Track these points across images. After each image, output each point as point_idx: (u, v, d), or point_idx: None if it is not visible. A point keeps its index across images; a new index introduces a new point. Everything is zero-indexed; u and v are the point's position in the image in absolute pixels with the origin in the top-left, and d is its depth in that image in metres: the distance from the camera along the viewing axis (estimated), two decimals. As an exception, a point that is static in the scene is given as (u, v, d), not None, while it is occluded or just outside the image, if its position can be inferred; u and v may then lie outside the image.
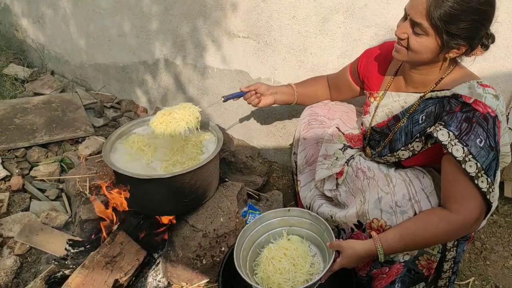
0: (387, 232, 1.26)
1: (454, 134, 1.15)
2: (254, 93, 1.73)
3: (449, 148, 1.15)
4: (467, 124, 1.15)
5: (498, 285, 1.66)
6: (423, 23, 1.14)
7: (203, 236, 1.61)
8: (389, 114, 1.42)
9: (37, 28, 3.19)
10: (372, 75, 1.52)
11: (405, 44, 1.22)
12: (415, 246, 1.25)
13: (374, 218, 1.29)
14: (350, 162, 1.53)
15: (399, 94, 1.39)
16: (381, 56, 1.50)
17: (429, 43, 1.17)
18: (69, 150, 2.38)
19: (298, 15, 1.88)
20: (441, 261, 1.44)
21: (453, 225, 1.17)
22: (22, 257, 1.75)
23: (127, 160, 1.63)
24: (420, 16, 1.14)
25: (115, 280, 1.50)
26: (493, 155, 1.15)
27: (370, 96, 1.51)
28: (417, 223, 1.23)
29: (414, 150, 1.35)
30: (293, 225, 1.54)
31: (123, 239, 1.62)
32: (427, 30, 1.14)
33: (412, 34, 1.19)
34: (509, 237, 1.87)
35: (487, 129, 1.14)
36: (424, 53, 1.20)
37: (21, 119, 2.50)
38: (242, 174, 2.19)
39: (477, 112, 1.15)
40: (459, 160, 1.14)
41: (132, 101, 2.89)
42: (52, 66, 3.32)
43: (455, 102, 1.20)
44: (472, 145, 1.13)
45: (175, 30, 2.33)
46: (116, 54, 2.75)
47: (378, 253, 1.24)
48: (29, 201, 2.03)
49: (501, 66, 1.60)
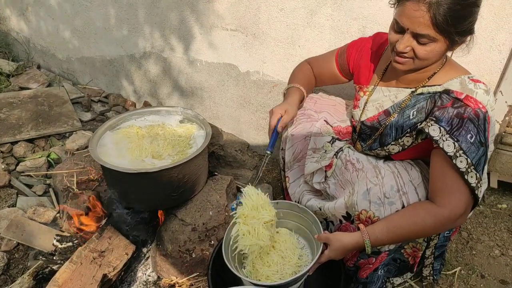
0: (375, 225, 1.27)
1: (445, 130, 1.16)
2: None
3: (440, 143, 1.16)
4: (458, 120, 1.15)
5: (484, 274, 1.69)
6: (430, 33, 1.10)
7: (192, 229, 1.61)
8: (380, 109, 1.41)
9: (22, 21, 3.13)
10: (362, 69, 1.50)
11: (410, 56, 1.19)
12: (402, 238, 1.27)
13: (363, 209, 1.30)
14: (339, 154, 1.53)
15: (389, 89, 1.38)
16: (372, 50, 1.48)
17: (438, 47, 1.14)
18: (56, 145, 2.36)
19: (286, 7, 1.87)
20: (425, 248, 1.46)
21: (440, 219, 1.18)
22: (9, 253, 1.74)
23: (115, 155, 1.62)
24: (424, 28, 1.10)
25: (103, 275, 1.49)
26: (483, 150, 1.16)
27: (360, 90, 1.50)
28: (404, 216, 1.24)
29: (404, 145, 1.36)
30: (281, 218, 1.54)
31: (111, 233, 1.62)
32: (435, 38, 1.11)
33: (417, 45, 1.15)
34: (494, 227, 1.90)
35: (478, 124, 1.15)
36: (434, 57, 1.18)
37: (6, 113, 2.46)
38: (231, 167, 2.19)
39: (468, 107, 1.16)
40: (450, 156, 1.14)
41: (120, 95, 2.86)
42: (38, 60, 3.27)
43: (446, 97, 1.21)
44: (463, 141, 1.14)
45: (162, 22, 2.30)
46: (103, 48, 2.72)
47: (366, 245, 1.25)
48: (16, 196, 2.00)
49: (486, 58, 1.61)
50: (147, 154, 1.64)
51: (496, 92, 1.68)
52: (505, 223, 1.92)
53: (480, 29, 1.56)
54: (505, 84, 1.64)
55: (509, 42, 1.55)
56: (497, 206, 2.00)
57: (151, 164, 1.59)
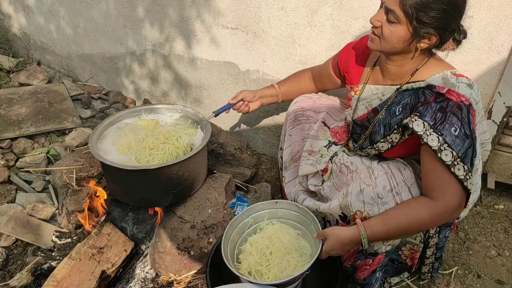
0: (371, 219, 1.28)
1: (429, 124, 1.17)
2: (242, 102, 1.78)
3: (425, 138, 1.17)
4: (441, 114, 1.17)
5: (480, 274, 1.70)
6: (395, 10, 1.15)
7: (191, 227, 1.61)
8: (369, 107, 1.43)
9: (23, 17, 3.13)
10: (351, 69, 1.54)
11: (378, 33, 1.24)
12: (398, 231, 1.26)
13: (357, 210, 1.31)
14: (333, 159, 1.56)
15: (377, 87, 1.41)
16: (359, 50, 1.52)
17: (400, 30, 1.18)
18: (55, 141, 2.36)
19: (287, 6, 1.87)
20: (424, 248, 1.47)
21: (435, 211, 1.20)
22: (8, 249, 1.74)
23: (115, 151, 1.62)
24: (393, 3, 1.15)
25: (102, 271, 1.50)
26: (469, 142, 1.17)
27: (351, 90, 1.53)
28: (399, 209, 1.26)
29: (393, 142, 1.37)
30: (280, 217, 1.55)
31: (110, 230, 1.62)
32: (399, 18, 1.16)
33: (386, 23, 1.20)
34: (491, 228, 1.91)
35: (461, 117, 1.17)
36: (396, 41, 1.21)
37: (6, 110, 2.46)
38: (230, 166, 2.20)
39: (450, 101, 1.17)
40: (435, 150, 1.16)
41: (120, 92, 2.87)
42: (38, 56, 3.27)
43: (429, 92, 1.23)
44: (447, 134, 1.15)
45: (163, 20, 2.30)
46: (103, 45, 2.72)
47: (362, 237, 1.25)
48: (15, 192, 2.00)
49: (486, 59, 1.62)
50: (147, 151, 1.65)
51: (495, 93, 1.69)
52: (502, 223, 1.93)
53: (479, 30, 1.57)
54: (503, 85, 1.65)
55: (508, 43, 1.56)
56: (494, 207, 2.01)
57: (150, 161, 1.59)
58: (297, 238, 1.46)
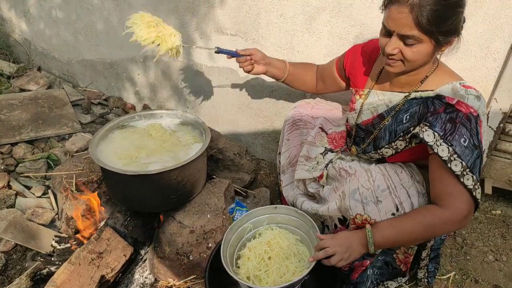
0: (379, 223, 1.30)
1: (439, 135, 1.19)
2: (249, 58, 1.66)
3: (435, 148, 1.19)
4: (451, 125, 1.18)
5: (478, 279, 1.70)
6: (414, 34, 1.13)
7: (190, 232, 1.62)
8: (374, 112, 1.44)
9: (23, 22, 3.15)
10: (357, 72, 1.54)
11: (399, 58, 1.22)
12: (405, 236, 1.26)
13: (357, 213, 1.32)
14: (329, 166, 1.57)
15: (384, 93, 1.41)
16: (366, 54, 1.52)
17: (424, 48, 1.17)
18: (55, 146, 2.37)
19: (286, 13, 1.90)
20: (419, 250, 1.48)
21: (442, 219, 1.21)
22: (7, 254, 1.74)
23: (115, 157, 1.63)
24: (408, 29, 1.13)
25: (101, 276, 1.50)
26: (477, 153, 1.19)
27: (356, 94, 1.53)
28: (407, 215, 1.27)
29: (398, 148, 1.39)
30: (279, 222, 1.56)
31: (110, 235, 1.63)
32: (420, 38, 1.15)
33: (405, 47, 1.19)
34: (489, 233, 1.92)
35: (470, 128, 1.18)
36: (421, 59, 1.21)
37: (6, 115, 2.47)
38: (229, 171, 2.20)
39: (460, 112, 1.19)
40: (445, 160, 1.18)
41: (120, 98, 2.88)
42: (38, 62, 3.28)
43: (438, 103, 1.24)
44: (457, 145, 1.17)
45: (163, 27, 2.32)
46: (103, 50, 2.74)
47: (366, 230, 1.27)
48: (15, 197, 2.01)
49: (482, 66, 1.64)
50: (146, 157, 1.66)
51: (491, 99, 1.71)
52: (499, 229, 1.94)
53: (475, 37, 1.59)
54: (499, 91, 1.67)
55: (504, 50, 1.58)
56: (492, 212, 2.02)
57: (150, 166, 1.61)
58: (296, 244, 1.47)
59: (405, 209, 1.29)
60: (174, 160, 1.64)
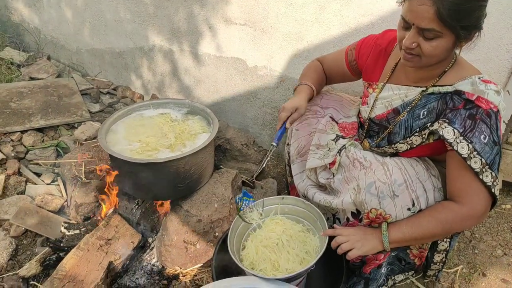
0: (396, 221, 1.30)
1: (459, 132, 1.16)
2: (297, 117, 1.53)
3: (455, 145, 1.17)
4: (471, 121, 1.16)
5: (486, 273, 1.69)
6: (435, 27, 1.09)
7: (198, 221, 1.63)
8: (389, 107, 1.40)
9: (33, 11, 3.16)
10: (371, 66, 1.49)
11: (416, 52, 1.18)
12: (422, 231, 1.26)
13: (372, 207, 1.30)
14: (342, 152, 1.54)
15: (399, 87, 1.37)
16: (381, 46, 1.47)
17: (444, 42, 1.13)
18: (65, 134, 2.39)
19: (295, 2, 1.88)
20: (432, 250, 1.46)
21: (459, 215, 1.20)
22: (17, 239, 1.77)
23: (123, 145, 1.64)
24: (428, 22, 1.09)
25: (109, 262, 1.52)
26: (497, 149, 1.17)
27: (369, 87, 1.49)
28: (424, 212, 1.27)
29: (413, 144, 1.36)
30: (287, 213, 1.56)
31: (118, 222, 1.64)
32: (440, 33, 1.10)
33: (424, 41, 1.14)
34: (498, 227, 1.90)
35: (490, 125, 1.16)
36: (440, 53, 1.17)
37: (17, 103, 2.50)
38: (237, 161, 2.21)
39: (480, 108, 1.16)
40: (464, 157, 1.16)
41: (128, 87, 2.89)
42: (48, 51, 3.30)
43: (458, 98, 1.20)
44: (477, 142, 1.15)
45: (172, 16, 2.32)
46: (112, 40, 2.74)
47: (382, 230, 1.28)
48: (25, 184, 2.04)
49: (495, 57, 1.61)
50: (154, 145, 1.66)
51: (504, 91, 1.68)
52: (509, 223, 1.92)
53: (488, 28, 1.56)
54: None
55: (518, 41, 1.55)
56: (501, 207, 2.00)
57: (158, 154, 1.61)
58: (303, 234, 1.47)
59: (421, 204, 1.28)
60: (182, 149, 1.64)
